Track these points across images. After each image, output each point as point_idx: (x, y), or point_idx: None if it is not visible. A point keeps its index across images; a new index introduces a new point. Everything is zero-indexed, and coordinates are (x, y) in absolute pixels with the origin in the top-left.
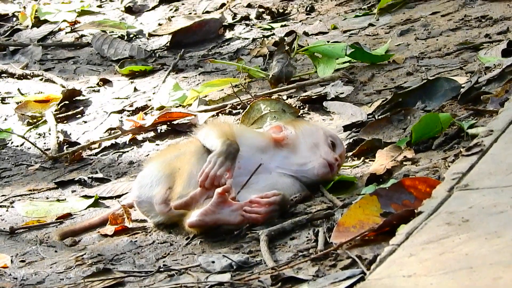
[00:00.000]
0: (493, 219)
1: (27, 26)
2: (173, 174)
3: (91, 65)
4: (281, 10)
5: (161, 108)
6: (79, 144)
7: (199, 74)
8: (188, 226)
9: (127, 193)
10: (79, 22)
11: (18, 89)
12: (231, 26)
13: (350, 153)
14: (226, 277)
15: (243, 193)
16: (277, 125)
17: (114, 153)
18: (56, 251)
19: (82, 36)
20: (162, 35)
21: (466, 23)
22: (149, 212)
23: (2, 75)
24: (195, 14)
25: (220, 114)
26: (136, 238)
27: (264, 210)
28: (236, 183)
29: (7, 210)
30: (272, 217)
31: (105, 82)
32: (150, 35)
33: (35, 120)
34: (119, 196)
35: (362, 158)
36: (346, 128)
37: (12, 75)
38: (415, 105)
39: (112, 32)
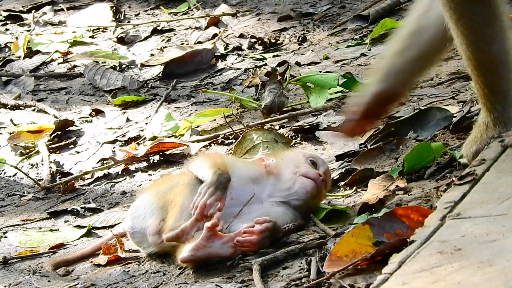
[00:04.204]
0: (485, 248)
1: (20, 57)
2: (166, 206)
3: (84, 95)
4: (273, 40)
5: (153, 138)
6: (72, 174)
7: (191, 105)
8: (181, 261)
9: (119, 223)
10: (72, 53)
11: (11, 120)
12: (223, 57)
13: (342, 183)
14: None
15: (236, 223)
16: (259, 158)
17: (106, 183)
18: (49, 281)
19: (75, 66)
20: (155, 65)
21: (458, 53)
22: (142, 242)
23: None
24: (187, 44)
25: (212, 144)
26: (129, 267)
27: (256, 239)
28: (229, 214)
29: (0, 241)
30: (264, 245)
31: (98, 112)
32: (143, 65)
33: (27, 151)
34: (111, 226)
35: (354, 188)
36: (338, 157)
37: (4, 106)
38: (407, 134)
39: (105, 62)
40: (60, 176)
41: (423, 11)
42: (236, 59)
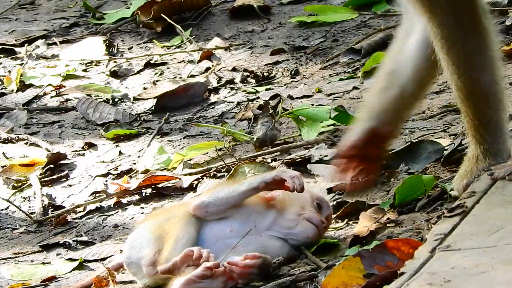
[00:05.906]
0: (474, 280)
1: (12, 90)
2: (162, 237)
3: (76, 129)
4: (266, 74)
5: (146, 171)
6: (64, 207)
7: (184, 138)
8: None
9: (112, 256)
10: (64, 86)
11: (3, 153)
12: (216, 90)
13: (334, 215)
14: None
15: (232, 256)
16: None
17: (98, 216)
18: None
19: (67, 100)
20: (147, 98)
21: (449, 86)
22: (137, 273)
23: None
24: (180, 78)
25: (204, 178)
26: None
27: (239, 271)
28: (226, 245)
29: None
30: (251, 279)
31: (90, 146)
32: (135, 99)
33: (20, 184)
34: (104, 259)
35: (345, 220)
36: (330, 190)
37: None
38: (398, 167)
39: (97, 96)
40: (52, 209)
41: (398, 50)
42: (228, 92)
